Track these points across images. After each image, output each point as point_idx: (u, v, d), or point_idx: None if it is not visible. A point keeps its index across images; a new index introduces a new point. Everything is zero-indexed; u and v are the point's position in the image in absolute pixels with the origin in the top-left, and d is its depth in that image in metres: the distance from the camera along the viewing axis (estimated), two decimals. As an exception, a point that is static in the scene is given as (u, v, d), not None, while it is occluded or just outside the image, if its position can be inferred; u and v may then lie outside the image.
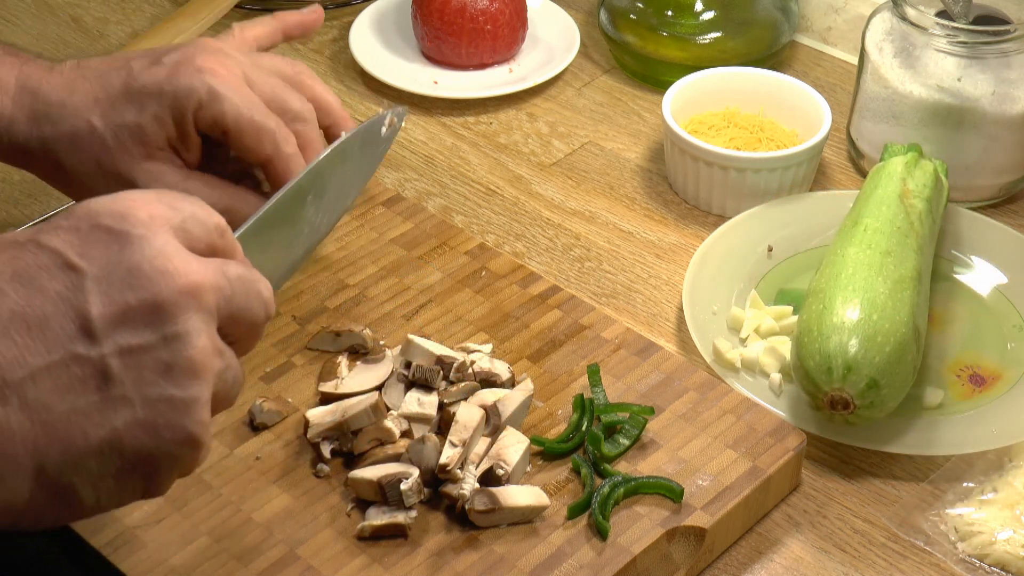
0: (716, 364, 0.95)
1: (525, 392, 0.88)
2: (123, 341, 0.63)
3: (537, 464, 0.86)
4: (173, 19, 1.24)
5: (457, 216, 1.12)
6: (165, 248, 0.65)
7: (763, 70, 1.16)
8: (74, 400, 0.63)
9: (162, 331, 0.64)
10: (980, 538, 0.85)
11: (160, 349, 0.64)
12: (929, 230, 0.99)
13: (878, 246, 0.93)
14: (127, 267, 0.64)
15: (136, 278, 0.64)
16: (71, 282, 0.63)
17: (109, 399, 0.63)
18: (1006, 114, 1.07)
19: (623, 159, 1.18)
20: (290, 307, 0.97)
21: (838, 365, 0.86)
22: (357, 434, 0.85)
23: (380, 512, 0.82)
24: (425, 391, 0.88)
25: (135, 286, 0.64)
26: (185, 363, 0.65)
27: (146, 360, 0.64)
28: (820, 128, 1.10)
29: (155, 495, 0.67)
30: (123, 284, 0.64)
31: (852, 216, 0.98)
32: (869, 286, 0.90)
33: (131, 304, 0.64)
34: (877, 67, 1.10)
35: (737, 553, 0.86)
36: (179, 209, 0.67)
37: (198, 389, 0.65)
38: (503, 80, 1.25)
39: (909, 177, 1.00)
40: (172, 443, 0.65)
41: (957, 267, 1.05)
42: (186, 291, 0.65)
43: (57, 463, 0.63)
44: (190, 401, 0.65)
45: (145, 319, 0.64)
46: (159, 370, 0.64)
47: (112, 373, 0.63)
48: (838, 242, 0.96)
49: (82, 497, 0.64)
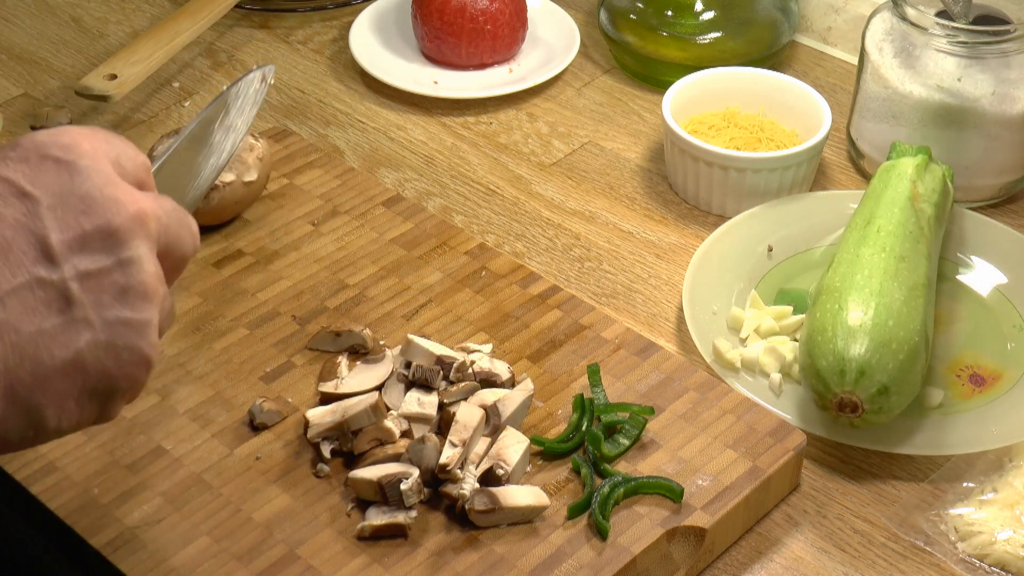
0: (716, 364, 0.95)
1: (525, 392, 0.88)
2: (81, 266, 0.66)
3: (537, 464, 0.86)
4: (173, 19, 1.24)
5: (457, 216, 1.12)
6: (112, 177, 0.67)
7: (763, 70, 1.16)
8: (40, 322, 0.65)
9: (117, 255, 0.66)
10: (980, 538, 0.85)
11: (115, 273, 0.66)
12: (937, 237, 0.99)
13: (892, 249, 0.93)
14: (79, 195, 0.66)
15: (89, 205, 0.66)
16: (27, 209, 0.65)
17: (71, 321, 0.65)
18: (1006, 114, 1.07)
19: (623, 159, 1.18)
20: (290, 307, 0.97)
21: (851, 368, 0.86)
22: (357, 434, 0.85)
23: (380, 512, 0.82)
24: (425, 391, 0.88)
25: (89, 212, 0.66)
26: (139, 287, 0.67)
27: (104, 283, 0.66)
28: (820, 128, 1.10)
29: (106, 419, 0.69)
30: (77, 211, 0.66)
31: (863, 214, 0.98)
32: (886, 291, 0.90)
33: (87, 230, 0.66)
34: (877, 67, 1.10)
35: (737, 553, 0.86)
36: (113, 144, 0.69)
37: (150, 312, 0.68)
38: (503, 80, 1.25)
39: (919, 180, 1.00)
40: (130, 364, 0.67)
41: (957, 267, 1.05)
42: (136, 217, 0.67)
43: (27, 383, 0.65)
44: (144, 323, 0.67)
45: (101, 244, 0.66)
46: (115, 293, 0.66)
47: (73, 296, 0.65)
48: (851, 240, 0.96)
49: (46, 417, 0.66)
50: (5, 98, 1.24)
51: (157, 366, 0.70)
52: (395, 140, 1.20)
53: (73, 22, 1.34)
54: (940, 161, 1.04)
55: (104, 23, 1.34)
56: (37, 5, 1.36)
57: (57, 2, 1.37)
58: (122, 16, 1.35)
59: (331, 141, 1.20)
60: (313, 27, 1.34)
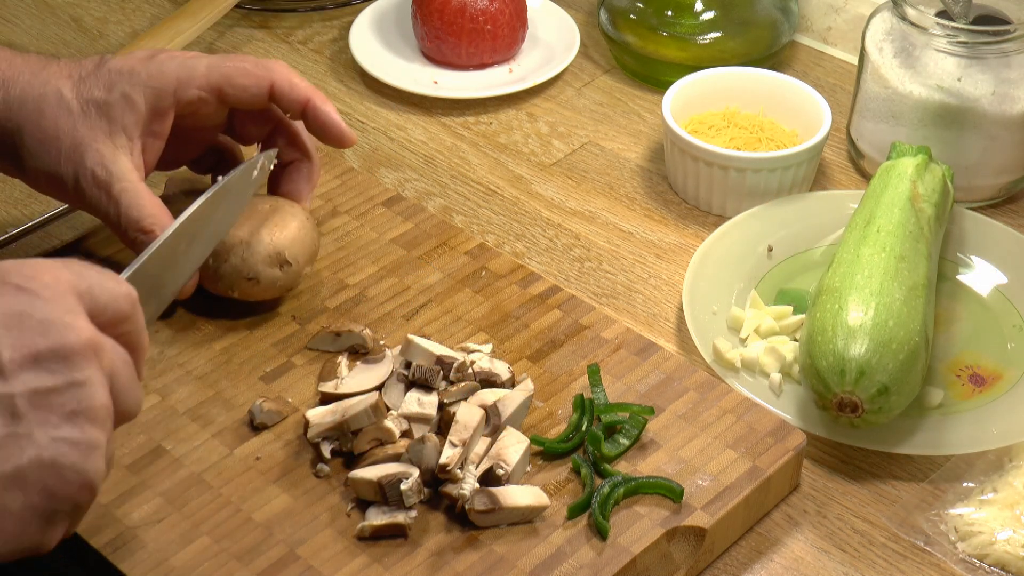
0: (716, 364, 0.95)
1: (525, 392, 0.88)
2: (31, 383, 0.66)
3: (537, 464, 0.86)
4: (173, 19, 1.24)
5: (457, 216, 1.12)
6: (73, 306, 0.68)
7: (763, 70, 1.16)
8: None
9: (69, 376, 0.67)
10: (980, 538, 0.85)
11: (66, 393, 0.67)
12: (936, 237, 0.99)
13: (892, 249, 0.93)
14: (37, 318, 0.67)
15: (46, 327, 0.67)
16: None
17: (15, 436, 0.66)
18: (1006, 114, 1.07)
19: (623, 159, 1.18)
20: (290, 307, 0.97)
21: (851, 368, 0.86)
22: (357, 434, 0.85)
23: (380, 512, 0.82)
24: (425, 391, 0.88)
25: (44, 333, 0.67)
26: (88, 410, 0.67)
27: (53, 402, 0.66)
28: (820, 128, 1.10)
29: (46, 548, 0.69)
30: (33, 332, 0.66)
31: (863, 214, 0.98)
32: (885, 291, 0.90)
33: (40, 349, 0.66)
34: (877, 67, 1.10)
35: (737, 553, 0.86)
36: (86, 276, 0.70)
37: (98, 435, 0.68)
38: (503, 80, 1.25)
39: (919, 180, 1.00)
40: (74, 484, 0.67)
41: (957, 267, 1.05)
42: (91, 343, 0.68)
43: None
44: (92, 445, 0.67)
45: (53, 364, 0.67)
46: (64, 413, 0.67)
47: (19, 411, 0.66)
48: (850, 240, 0.96)
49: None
50: (5, 98, 1.24)
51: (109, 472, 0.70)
52: (395, 140, 1.20)
53: (73, 22, 1.34)
54: (940, 161, 1.04)
55: (104, 23, 1.34)
56: (37, 5, 1.36)
57: (57, 2, 1.37)
58: (122, 16, 1.35)
59: (331, 141, 1.20)
60: (313, 27, 1.34)
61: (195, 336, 0.95)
